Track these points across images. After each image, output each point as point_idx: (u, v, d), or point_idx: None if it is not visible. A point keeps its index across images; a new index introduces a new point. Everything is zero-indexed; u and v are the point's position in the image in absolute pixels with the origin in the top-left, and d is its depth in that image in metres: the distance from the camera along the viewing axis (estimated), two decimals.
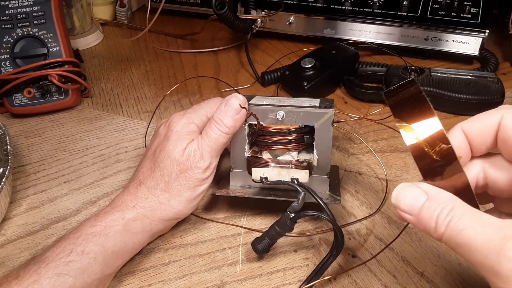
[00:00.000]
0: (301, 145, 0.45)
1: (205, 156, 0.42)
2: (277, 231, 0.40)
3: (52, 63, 0.60)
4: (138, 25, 0.85)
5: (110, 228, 0.38)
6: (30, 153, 0.56)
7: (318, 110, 0.43)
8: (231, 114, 0.42)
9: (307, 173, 0.43)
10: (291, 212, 0.39)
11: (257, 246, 0.41)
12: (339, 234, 0.38)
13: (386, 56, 0.71)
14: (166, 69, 0.72)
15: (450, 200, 0.27)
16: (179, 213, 0.42)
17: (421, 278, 0.40)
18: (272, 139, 0.44)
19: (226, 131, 0.42)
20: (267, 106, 0.44)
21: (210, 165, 0.42)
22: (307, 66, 0.63)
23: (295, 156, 0.45)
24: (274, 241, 0.41)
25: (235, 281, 0.40)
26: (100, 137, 0.58)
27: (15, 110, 0.61)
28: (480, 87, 0.59)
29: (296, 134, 0.44)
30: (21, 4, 0.60)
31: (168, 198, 0.41)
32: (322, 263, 0.39)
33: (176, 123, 0.44)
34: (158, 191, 0.41)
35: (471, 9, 0.68)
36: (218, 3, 0.63)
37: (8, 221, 0.47)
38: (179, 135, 0.43)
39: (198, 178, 0.42)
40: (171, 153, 0.42)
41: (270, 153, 0.45)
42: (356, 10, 0.71)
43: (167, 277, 0.41)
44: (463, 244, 0.25)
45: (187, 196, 0.42)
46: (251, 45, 0.75)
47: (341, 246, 0.39)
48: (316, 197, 0.40)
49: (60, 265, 0.35)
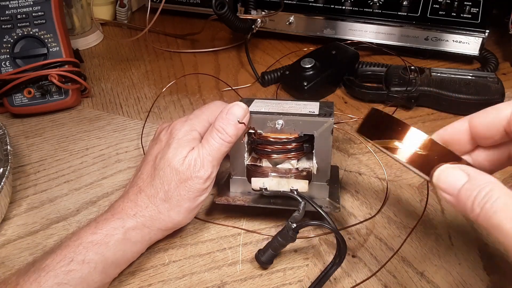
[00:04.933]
0: (301, 154, 0.44)
1: (205, 165, 0.41)
2: (280, 242, 0.40)
3: (52, 63, 0.60)
4: (138, 25, 0.85)
5: (110, 237, 0.38)
6: (30, 153, 0.56)
7: (318, 119, 0.42)
8: (234, 122, 0.41)
9: (306, 183, 0.43)
10: (293, 222, 0.39)
11: (261, 258, 0.41)
12: (341, 242, 0.38)
13: (386, 56, 0.71)
14: (166, 69, 0.72)
15: (489, 182, 0.27)
16: (177, 224, 0.42)
17: (421, 278, 0.40)
18: (272, 148, 0.44)
19: (229, 140, 0.41)
20: (266, 115, 0.43)
21: (210, 174, 0.41)
22: (307, 66, 0.63)
23: (295, 164, 0.44)
24: (278, 252, 0.41)
25: (235, 281, 0.40)
26: (100, 137, 0.58)
27: (15, 110, 0.61)
28: (480, 87, 0.59)
29: (296, 144, 0.43)
30: (21, 4, 0.60)
31: (167, 209, 0.41)
32: (325, 272, 0.39)
33: (178, 130, 0.43)
34: (158, 200, 0.41)
35: (471, 9, 0.68)
36: (218, 3, 0.63)
37: (8, 221, 0.47)
38: (180, 143, 0.42)
39: (198, 188, 0.41)
40: (171, 161, 0.41)
41: (269, 161, 0.45)
42: (356, 10, 0.71)
43: (167, 277, 0.41)
44: (496, 226, 0.26)
45: (186, 207, 0.41)
46: (251, 45, 0.75)
47: (343, 254, 0.38)
48: (317, 207, 0.40)
49: (60, 274, 0.35)
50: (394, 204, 0.47)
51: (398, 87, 0.60)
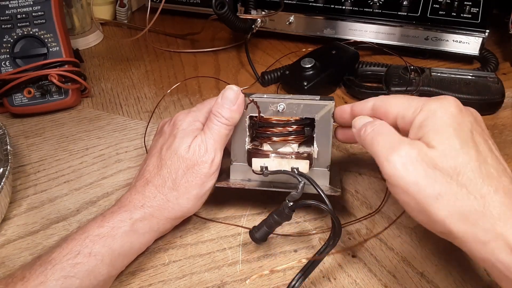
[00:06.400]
0: (301, 137, 0.45)
1: (209, 149, 0.42)
2: (275, 219, 0.40)
3: (52, 63, 0.60)
4: (138, 25, 0.85)
5: (117, 229, 0.38)
6: (30, 153, 0.56)
7: (319, 102, 0.43)
8: (228, 106, 0.43)
9: (307, 164, 0.44)
10: (290, 200, 0.39)
11: (255, 235, 0.41)
12: (336, 224, 0.38)
13: (386, 56, 0.71)
14: (166, 69, 0.72)
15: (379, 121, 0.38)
16: (187, 212, 0.43)
17: (421, 278, 0.40)
18: (273, 131, 0.45)
19: (226, 123, 0.43)
20: (268, 99, 0.44)
21: (215, 158, 0.42)
22: (307, 66, 0.63)
23: (295, 148, 0.45)
24: (272, 230, 0.41)
25: (235, 281, 0.40)
26: (100, 137, 0.58)
27: (15, 110, 0.61)
28: (480, 87, 0.59)
29: (297, 126, 0.44)
30: (21, 4, 0.60)
31: (176, 196, 0.41)
32: (318, 253, 0.39)
33: (182, 121, 0.44)
34: (166, 189, 0.41)
35: (471, 9, 0.68)
36: (218, 3, 0.63)
37: (8, 221, 0.47)
38: (185, 133, 0.43)
39: (205, 173, 0.42)
40: (178, 150, 0.42)
41: (270, 146, 0.45)
42: (356, 10, 0.71)
43: (167, 277, 0.41)
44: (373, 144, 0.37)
45: (195, 193, 0.42)
46: (251, 45, 0.74)
47: (338, 236, 0.38)
48: (316, 186, 0.40)
49: (67, 267, 0.35)
50: (394, 204, 0.47)
51: (398, 87, 0.60)
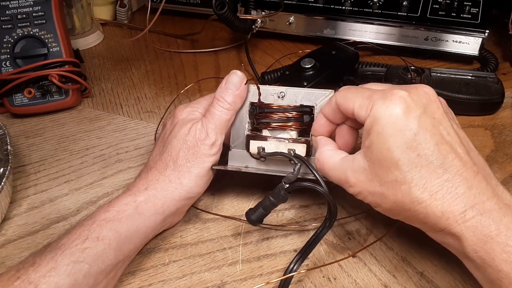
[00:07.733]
0: (300, 124, 0.45)
1: (210, 133, 0.43)
2: (271, 201, 0.40)
3: (53, 63, 0.60)
4: (138, 25, 0.85)
5: (122, 213, 0.39)
6: (30, 153, 0.56)
7: (319, 90, 0.44)
8: (232, 90, 0.44)
9: (304, 147, 0.44)
10: (286, 182, 0.39)
11: (251, 217, 0.41)
12: (332, 206, 0.38)
13: (386, 56, 0.71)
14: (166, 69, 0.72)
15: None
16: (190, 191, 0.43)
17: (421, 278, 0.40)
18: (272, 116, 0.45)
19: (228, 107, 0.44)
20: (269, 87, 0.46)
21: (216, 141, 0.43)
22: (307, 66, 0.63)
23: (294, 136, 0.45)
24: (268, 212, 0.41)
25: (235, 281, 0.41)
26: (101, 137, 0.58)
27: (15, 110, 0.61)
28: (480, 87, 0.59)
29: (296, 112, 0.45)
30: (21, 4, 0.60)
31: (178, 176, 0.42)
32: (315, 235, 0.39)
33: (181, 111, 0.46)
34: (168, 171, 0.43)
35: (471, 9, 0.68)
36: (218, 3, 0.63)
37: (8, 221, 0.47)
38: (184, 121, 0.45)
39: (205, 153, 0.43)
40: (177, 133, 0.44)
41: (270, 132, 0.46)
42: (356, 10, 0.71)
43: (167, 277, 0.41)
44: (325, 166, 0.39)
45: (196, 173, 0.43)
46: (251, 45, 0.75)
47: (334, 217, 0.39)
48: (311, 168, 0.40)
49: (76, 252, 0.36)
50: None
51: None
